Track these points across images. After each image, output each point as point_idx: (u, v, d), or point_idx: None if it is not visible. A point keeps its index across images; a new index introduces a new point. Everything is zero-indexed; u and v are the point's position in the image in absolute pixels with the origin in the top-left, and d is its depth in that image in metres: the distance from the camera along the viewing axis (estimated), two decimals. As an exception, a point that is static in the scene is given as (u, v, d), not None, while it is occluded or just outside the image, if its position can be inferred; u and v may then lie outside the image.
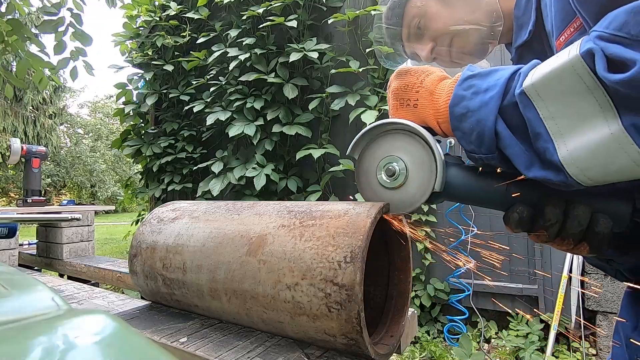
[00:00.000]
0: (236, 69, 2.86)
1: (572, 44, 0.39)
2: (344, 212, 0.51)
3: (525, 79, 0.39)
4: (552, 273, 2.55)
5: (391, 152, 0.51)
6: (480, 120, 0.43)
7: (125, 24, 3.68)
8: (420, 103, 0.50)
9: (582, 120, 0.35)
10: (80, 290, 0.98)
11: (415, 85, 0.50)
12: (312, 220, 0.52)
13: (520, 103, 0.40)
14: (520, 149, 0.41)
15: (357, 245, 0.46)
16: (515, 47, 0.64)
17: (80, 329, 0.27)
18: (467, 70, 0.47)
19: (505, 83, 0.42)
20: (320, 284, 0.46)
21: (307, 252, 0.48)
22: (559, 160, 0.37)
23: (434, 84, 0.50)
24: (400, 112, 0.51)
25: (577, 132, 0.36)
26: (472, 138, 0.44)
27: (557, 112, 0.37)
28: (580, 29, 0.46)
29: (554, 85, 0.36)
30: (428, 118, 0.49)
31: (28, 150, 2.96)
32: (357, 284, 0.44)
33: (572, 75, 0.35)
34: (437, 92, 0.49)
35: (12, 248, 2.70)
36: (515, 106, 0.40)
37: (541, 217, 0.43)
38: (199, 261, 0.58)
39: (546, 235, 0.44)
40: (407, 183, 0.50)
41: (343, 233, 0.48)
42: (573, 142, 0.36)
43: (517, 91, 0.40)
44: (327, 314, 0.46)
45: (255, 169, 2.69)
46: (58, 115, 15.84)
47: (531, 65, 0.42)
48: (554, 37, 0.50)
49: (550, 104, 0.37)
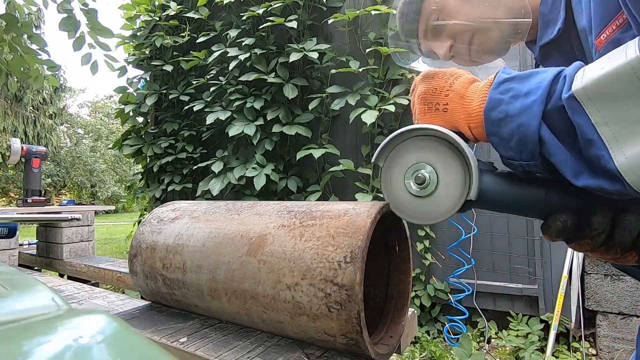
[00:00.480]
0: (236, 69, 2.86)
1: (617, 42, 0.40)
2: (344, 212, 0.51)
3: (573, 82, 0.37)
4: (552, 273, 2.55)
5: (420, 159, 0.48)
6: (522, 125, 0.40)
7: (124, 24, 3.68)
8: (450, 107, 0.47)
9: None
10: (80, 290, 0.98)
11: (444, 89, 0.48)
12: (312, 220, 0.52)
13: (569, 108, 0.37)
14: (567, 156, 0.38)
15: (357, 245, 0.46)
16: (540, 45, 0.61)
17: (80, 329, 0.27)
18: (502, 72, 0.44)
19: (549, 86, 0.39)
20: (320, 284, 0.46)
21: (307, 252, 0.48)
22: (616, 168, 0.34)
23: (464, 87, 0.47)
24: (428, 116, 0.49)
25: (636, 138, 0.33)
26: (512, 144, 0.41)
27: (612, 118, 0.34)
28: (624, 26, 0.43)
29: (609, 89, 0.34)
30: (459, 123, 0.46)
31: (28, 150, 2.96)
32: (357, 284, 0.44)
33: (630, 78, 0.33)
34: (468, 96, 0.46)
35: (12, 248, 2.70)
36: (562, 111, 0.38)
37: (587, 226, 0.40)
38: (199, 261, 0.58)
39: (590, 245, 0.41)
40: (437, 191, 0.47)
41: (343, 233, 0.48)
42: (631, 148, 0.34)
43: (565, 95, 0.37)
44: (327, 314, 0.46)
45: (255, 169, 2.69)
46: (58, 115, 15.84)
47: (576, 67, 0.39)
48: (593, 35, 0.47)
49: (604, 108, 0.35)
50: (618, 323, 2.34)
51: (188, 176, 3.34)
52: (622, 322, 2.33)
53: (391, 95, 2.51)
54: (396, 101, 2.44)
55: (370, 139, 2.68)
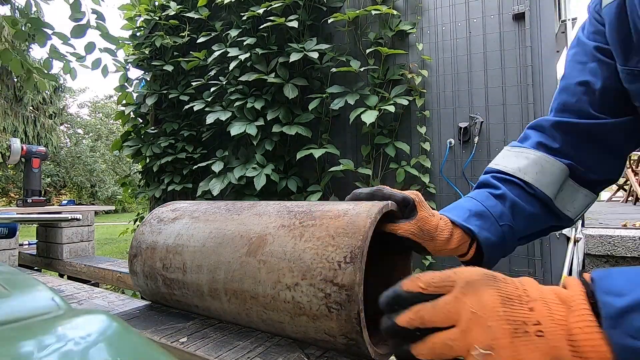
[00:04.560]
0: (236, 69, 2.86)
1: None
2: (344, 212, 0.51)
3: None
4: (552, 273, 2.55)
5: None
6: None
7: (124, 25, 3.68)
8: (546, 329, 0.28)
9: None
10: (80, 290, 0.98)
11: (522, 298, 0.30)
12: (312, 221, 0.52)
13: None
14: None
15: (357, 245, 0.46)
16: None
17: (80, 329, 0.27)
18: (602, 287, 0.29)
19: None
20: (320, 284, 0.46)
21: (307, 252, 0.48)
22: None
23: (540, 292, 0.31)
24: (518, 344, 0.28)
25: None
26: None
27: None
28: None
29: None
30: (563, 354, 0.27)
31: (28, 150, 2.96)
32: (357, 284, 0.45)
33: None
34: (555, 307, 0.29)
35: (12, 248, 2.70)
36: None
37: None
38: (199, 261, 0.58)
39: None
40: None
41: (343, 233, 0.48)
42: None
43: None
44: (327, 314, 0.46)
45: (256, 168, 2.69)
46: (58, 115, 15.85)
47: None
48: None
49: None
50: (618, 323, 2.34)
51: (188, 176, 3.34)
52: (622, 322, 2.33)
53: (391, 96, 2.52)
54: (396, 101, 2.44)
55: (370, 139, 2.68)
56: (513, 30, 2.71)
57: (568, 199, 0.58)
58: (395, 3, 2.69)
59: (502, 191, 0.57)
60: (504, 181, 0.59)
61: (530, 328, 0.28)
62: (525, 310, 0.29)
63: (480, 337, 0.29)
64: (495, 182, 0.59)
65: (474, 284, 0.31)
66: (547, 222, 0.60)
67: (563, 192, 0.58)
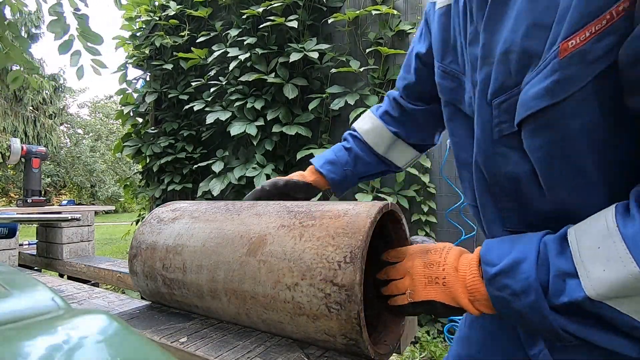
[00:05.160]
0: (236, 69, 2.86)
1: (582, 55, 0.36)
2: (344, 212, 0.51)
3: (581, 283, 0.38)
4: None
5: None
6: (537, 323, 0.41)
7: (123, 25, 3.67)
8: (448, 280, 0.48)
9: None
10: (80, 290, 0.98)
11: (441, 264, 0.50)
12: (312, 221, 0.52)
13: (588, 306, 0.38)
14: (607, 339, 0.39)
15: (356, 245, 0.46)
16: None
17: (80, 329, 0.27)
18: (485, 262, 0.46)
19: (539, 284, 0.40)
20: (320, 284, 0.46)
21: (307, 252, 0.48)
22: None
23: (456, 260, 0.49)
24: (429, 289, 0.49)
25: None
26: (537, 330, 0.44)
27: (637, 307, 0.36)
28: (599, 34, 0.36)
29: (624, 293, 0.36)
30: (459, 296, 0.47)
31: (28, 150, 2.96)
32: (357, 284, 0.45)
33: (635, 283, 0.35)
34: (461, 269, 0.48)
35: (12, 248, 2.70)
36: (572, 305, 0.39)
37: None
38: (199, 261, 0.58)
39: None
40: None
41: (343, 233, 0.48)
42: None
43: (578, 298, 0.38)
44: (327, 314, 0.46)
45: (256, 168, 2.69)
46: (58, 115, 15.85)
47: (558, 252, 0.41)
48: (561, 35, 0.38)
49: (624, 303, 0.36)
50: (618, 323, 2.33)
51: (188, 176, 3.34)
52: (622, 322, 2.32)
53: (391, 96, 2.51)
54: (396, 101, 2.44)
55: (370, 139, 2.68)
56: (513, 30, 2.71)
57: (398, 154, 0.83)
58: (395, 3, 2.69)
59: (350, 145, 0.82)
60: (354, 137, 0.83)
61: (440, 280, 0.49)
62: (439, 271, 0.49)
63: (410, 284, 0.51)
64: (350, 138, 0.84)
65: (413, 255, 0.53)
66: (379, 168, 0.85)
67: (394, 149, 0.82)
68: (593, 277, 0.37)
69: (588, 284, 0.37)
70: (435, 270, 0.50)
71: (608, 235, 0.37)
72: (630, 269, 0.34)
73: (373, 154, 0.82)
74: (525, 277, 0.41)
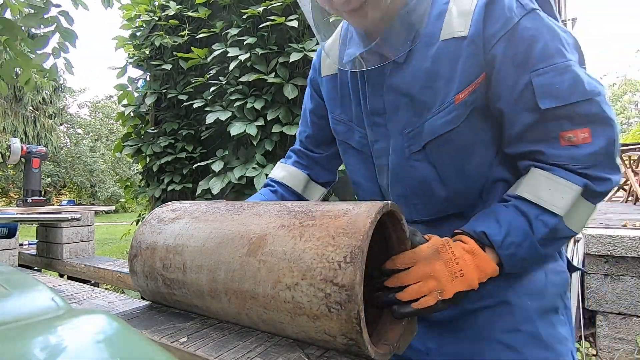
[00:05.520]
0: (236, 69, 2.86)
1: (465, 103, 0.66)
2: (344, 212, 0.51)
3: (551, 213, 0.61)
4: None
5: None
6: (533, 259, 0.64)
7: (123, 25, 3.67)
8: (465, 272, 0.58)
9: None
10: (80, 290, 0.98)
11: (453, 259, 0.58)
12: (312, 221, 0.51)
13: (560, 227, 0.62)
14: (556, 248, 0.69)
15: (356, 245, 0.46)
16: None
17: (80, 329, 0.27)
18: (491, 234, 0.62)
19: (529, 230, 0.62)
20: (320, 284, 0.46)
21: (307, 252, 0.48)
22: (568, 228, 0.62)
23: (461, 251, 0.60)
24: (454, 284, 0.57)
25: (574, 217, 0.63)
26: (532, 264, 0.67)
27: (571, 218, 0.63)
28: (474, 90, 0.65)
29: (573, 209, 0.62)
30: (474, 280, 0.58)
31: (28, 150, 2.96)
32: (357, 284, 0.44)
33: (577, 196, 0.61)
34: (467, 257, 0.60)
35: (12, 248, 2.70)
36: (550, 232, 0.62)
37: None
38: (199, 261, 0.58)
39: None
40: None
41: (343, 233, 0.47)
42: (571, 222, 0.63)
43: (555, 222, 0.61)
44: (327, 314, 0.46)
45: (256, 168, 2.69)
46: (58, 115, 15.85)
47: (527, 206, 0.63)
48: (455, 90, 0.65)
49: (572, 219, 0.62)
50: (618, 323, 2.34)
51: (188, 176, 3.34)
52: (622, 322, 2.33)
53: (391, 95, 2.51)
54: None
55: (370, 139, 2.68)
56: (513, 30, 2.71)
57: (312, 192, 0.98)
58: (395, 3, 2.68)
59: (276, 188, 0.95)
60: (276, 183, 0.96)
61: (458, 274, 0.57)
62: (456, 266, 0.58)
63: (436, 285, 0.56)
64: (272, 183, 0.96)
65: (429, 258, 0.58)
66: None
67: (309, 188, 0.98)
68: (558, 204, 0.60)
69: (557, 210, 0.60)
70: (453, 267, 0.58)
71: (550, 180, 0.61)
72: (575, 188, 0.60)
73: (294, 194, 0.96)
74: (520, 231, 0.61)
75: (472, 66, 0.64)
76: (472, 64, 0.64)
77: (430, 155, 0.70)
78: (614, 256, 2.35)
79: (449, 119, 0.66)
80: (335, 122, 0.85)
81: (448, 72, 0.65)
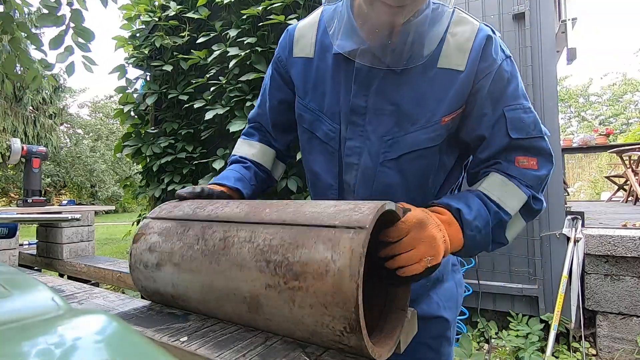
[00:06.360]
0: (236, 68, 2.86)
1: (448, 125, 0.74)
2: (325, 269, 0.47)
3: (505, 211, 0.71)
4: (552, 273, 2.55)
5: None
6: (484, 244, 0.71)
7: (123, 25, 3.67)
8: (448, 238, 0.64)
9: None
10: (80, 290, 0.98)
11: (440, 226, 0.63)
12: (295, 281, 0.49)
13: (506, 220, 0.71)
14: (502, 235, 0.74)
15: (352, 318, 0.45)
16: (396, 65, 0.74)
17: (80, 329, 0.27)
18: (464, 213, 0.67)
19: (489, 219, 0.70)
20: (330, 343, 0.49)
21: (307, 318, 0.48)
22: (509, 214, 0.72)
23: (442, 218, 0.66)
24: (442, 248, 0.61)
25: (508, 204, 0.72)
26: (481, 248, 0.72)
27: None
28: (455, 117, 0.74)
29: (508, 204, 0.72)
30: (448, 251, 0.64)
31: (28, 150, 2.96)
32: (365, 346, 0.46)
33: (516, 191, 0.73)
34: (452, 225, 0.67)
35: (12, 248, 2.70)
36: (498, 224, 0.71)
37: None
38: (204, 308, 0.60)
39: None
40: None
41: (333, 303, 0.46)
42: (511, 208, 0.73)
43: (507, 218, 0.71)
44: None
45: (255, 168, 2.69)
46: (58, 115, 15.84)
47: (488, 200, 0.71)
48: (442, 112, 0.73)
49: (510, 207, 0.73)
50: (618, 323, 2.34)
51: (188, 176, 3.34)
52: (622, 322, 2.33)
53: (391, 95, 2.51)
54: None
55: (370, 139, 2.68)
56: (513, 30, 2.71)
57: (277, 168, 1.00)
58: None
59: (248, 165, 0.93)
60: (246, 159, 0.94)
61: (446, 239, 0.63)
62: (443, 232, 0.63)
63: (427, 251, 0.58)
64: (242, 159, 0.94)
65: (419, 225, 0.59)
66: (269, 183, 0.98)
67: (276, 165, 0.99)
68: (510, 206, 0.71)
69: (509, 210, 0.71)
70: (442, 231, 0.63)
71: (506, 185, 0.72)
72: (523, 197, 0.71)
73: (265, 171, 0.96)
74: (484, 219, 0.69)
75: (460, 96, 0.73)
76: (461, 94, 0.72)
77: (403, 165, 0.76)
78: (614, 256, 2.35)
79: (432, 137, 0.74)
80: (302, 109, 0.84)
81: (440, 95, 0.72)
